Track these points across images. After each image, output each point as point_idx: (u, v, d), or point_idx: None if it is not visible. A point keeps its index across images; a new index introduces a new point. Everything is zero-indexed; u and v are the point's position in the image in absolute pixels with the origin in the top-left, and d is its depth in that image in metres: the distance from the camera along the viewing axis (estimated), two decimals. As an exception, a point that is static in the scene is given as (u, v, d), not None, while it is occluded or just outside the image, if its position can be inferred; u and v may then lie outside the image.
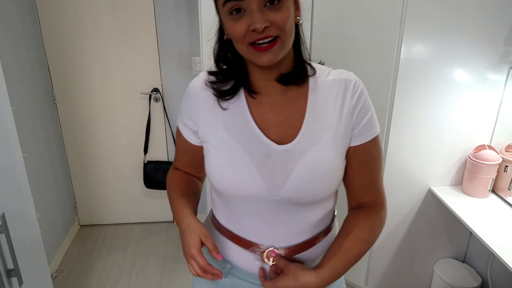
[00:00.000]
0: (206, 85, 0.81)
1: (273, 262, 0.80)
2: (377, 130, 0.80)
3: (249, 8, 0.66)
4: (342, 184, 0.85)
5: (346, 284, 2.04)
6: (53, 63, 2.40)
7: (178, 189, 0.90)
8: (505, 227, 1.52)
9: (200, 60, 1.99)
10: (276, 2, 0.66)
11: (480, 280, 1.86)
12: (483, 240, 1.43)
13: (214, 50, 0.80)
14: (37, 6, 2.27)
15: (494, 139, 1.76)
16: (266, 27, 0.66)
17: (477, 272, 1.92)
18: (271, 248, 0.81)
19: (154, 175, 2.62)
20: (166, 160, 2.69)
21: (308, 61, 0.80)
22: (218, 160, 0.79)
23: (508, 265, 1.29)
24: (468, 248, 1.99)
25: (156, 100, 2.54)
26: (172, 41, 2.42)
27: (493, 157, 1.67)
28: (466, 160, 1.78)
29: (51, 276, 2.24)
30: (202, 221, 0.86)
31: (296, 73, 0.77)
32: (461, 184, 1.83)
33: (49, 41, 2.35)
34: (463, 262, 2.01)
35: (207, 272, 0.76)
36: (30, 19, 2.23)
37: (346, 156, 0.80)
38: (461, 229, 1.94)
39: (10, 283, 1.05)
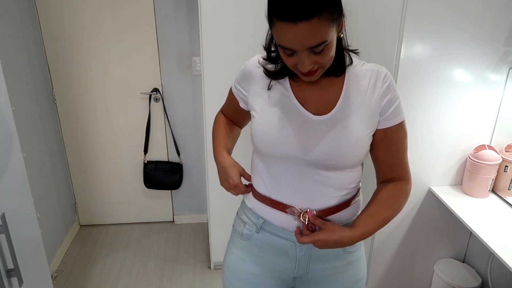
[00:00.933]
0: (259, 64, 0.98)
1: (308, 221, 0.93)
2: (403, 116, 0.93)
3: (299, 52, 0.80)
4: (370, 163, 1.00)
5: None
6: (53, 63, 2.41)
7: (221, 131, 1.12)
8: (505, 227, 1.53)
9: (200, 60, 1.99)
10: (320, 49, 0.79)
11: (480, 280, 1.87)
12: (483, 240, 1.43)
13: (265, 42, 0.94)
14: (37, 6, 2.27)
15: (494, 139, 1.76)
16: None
17: (477, 272, 1.92)
18: (307, 210, 0.94)
19: (154, 175, 2.62)
20: (166, 160, 2.69)
21: (349, 52, 0.92)
22: (263, 124, 0.94)
23: (508, 265, 1.29)
24: (468, 248, 1.99)
25: (156, 100, 2.55)
26: (172, 41, 2.42)
27: (493, 157, 1.67)
28: (466, 160, 1.78)
29: (51, 276, 2.24)
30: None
31: (335, 68, 0.90)
32: (461, 184, 1.83)
33: (49, 41, 2.35)
34: (463, 262, 2.01)
35: (245, 193, 1.04)
36: (30, 19, 2.23)
37: (376, 138, 0.94)
38: (461, 229, 1.94)
39: (10, 283, 1.06)
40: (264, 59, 0.98)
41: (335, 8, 0.79)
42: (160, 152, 2.67)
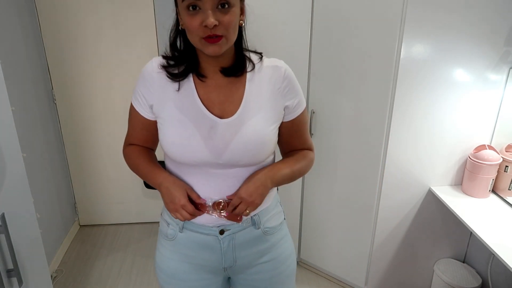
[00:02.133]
0: (160, 68, 0.95)
1: (222, 209, 0.94)
2: (304, 104, 1.00)
3: (204, 7, 0.81)
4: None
5: (346, 284, 2.04)
6: (53, 63, 2.40)
7: (143, 159, 1.04)
8: (505, 227, 1.53)
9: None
10: (226, 6, 0.82)
11: (480, 280, 1.86)
12: (483, 240, 1.43)
13: (170, 37, 0.94)
14: (37, 7, 2.27)
15: (494, 139, 1.76)
16: (215, 25, 0.81)
17: (477, 272, 1.92)
18: (218, 200, 0.94)
19: (154, 175, 2.62)
20: (166, 160, 2.69)
21: (248, 55, 0.95)
22: (170, 133, 0.93)
23: (508, 265, 1.29)
24: (468, 248, 1.99)
25: (156, 100, 2.54)
26: (172, 41, 2.42)
27: (493, 157, 1.67)
28: (466, 160, 1.78)
29: (51, 276, 2.24)
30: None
31: (236, 67, 0.93)
32: (461, 184, 1.83)
33: (49, 41, 2.35)
34: (463, 262, 2.01)
35: (195, 215, 0.93)
36: (30, 19, 2.23)
37: (283, 128, 1.00)
38: (461, 229, 1.94)
39: (10, 283, 1.06)
40: (164, 57, 0.95)
41: None
42: (160, 152, 2.66)
